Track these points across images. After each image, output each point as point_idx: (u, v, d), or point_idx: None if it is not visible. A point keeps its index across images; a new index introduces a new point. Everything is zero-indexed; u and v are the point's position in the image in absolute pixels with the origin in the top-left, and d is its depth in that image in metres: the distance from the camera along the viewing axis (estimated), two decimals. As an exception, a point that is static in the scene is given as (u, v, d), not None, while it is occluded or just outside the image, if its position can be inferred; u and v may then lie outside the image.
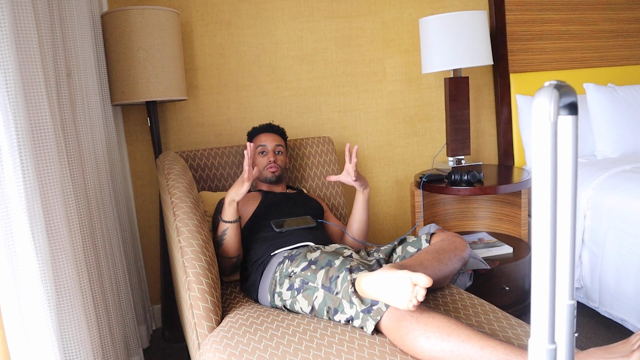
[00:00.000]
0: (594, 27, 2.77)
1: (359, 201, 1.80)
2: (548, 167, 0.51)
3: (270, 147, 1.87)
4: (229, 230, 1.57)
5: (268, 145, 1.88)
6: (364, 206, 1.80)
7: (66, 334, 1.29)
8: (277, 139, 1.91)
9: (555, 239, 0.53)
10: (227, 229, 1.57)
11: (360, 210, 1.81)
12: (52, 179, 1.28)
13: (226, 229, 1.57)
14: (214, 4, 2.28)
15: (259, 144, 1.89)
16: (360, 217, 1.82)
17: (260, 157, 1.88)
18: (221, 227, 1.58)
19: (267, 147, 1.87)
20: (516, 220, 2.35)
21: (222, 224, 1.57)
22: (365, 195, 1.79)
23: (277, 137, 1.92)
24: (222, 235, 1.58)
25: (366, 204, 1.81)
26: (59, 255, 1.28)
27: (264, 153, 1.87)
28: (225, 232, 1.57)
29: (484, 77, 2.68)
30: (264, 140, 1.89)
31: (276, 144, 1.89)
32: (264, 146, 1.88)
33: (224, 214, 1.57)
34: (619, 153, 2.47)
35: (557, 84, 0.52)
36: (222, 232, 1.58)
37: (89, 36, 1.76)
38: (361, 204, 1.80)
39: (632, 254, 1.85)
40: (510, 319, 1.31)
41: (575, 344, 1.03)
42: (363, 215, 1.82)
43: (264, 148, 1.87)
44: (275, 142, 1.89)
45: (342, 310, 1.28)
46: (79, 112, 1.65)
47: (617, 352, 1.06)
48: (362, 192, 1.78)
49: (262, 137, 1.91)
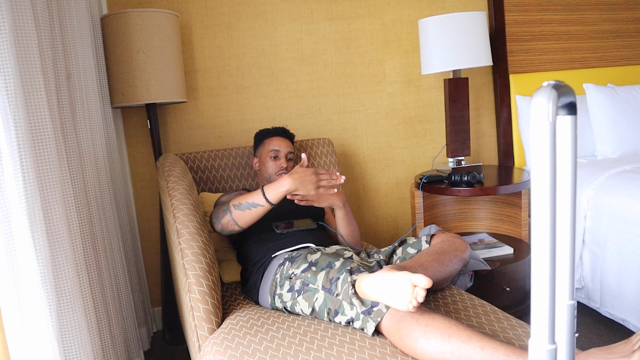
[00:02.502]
0: (593, 28, 2.77)
1: (339, 219, 1.75)
2: (547, 167, 0.51)
3: (283, 152, 1.87)
4: (260, 210, 1.47)
5: (281, 151, 1.86)
6: (346, 221, 1.75)
7: (67, 337, 1.29)
8: (289, 146, 1.90)
9: (554, 239, 0.53)
10: (261, 206, 1.46)
11: (344, 227, 1.76)
12: (52, 181, 1.28)
13: (260, 205, 1.46)
14: (214, 7, 2.28)
15: (272, 147, 1.87)
16: (346, 231, 1.77)
17: (272, 161, 1.86)
18: (255, 198, 1.46)
19: (280, 152, 1.86)
20: (516, 221, 2.35)
21: (260, 197, 1.45)
22: (342, 211, 1.74)
23: (289, 144, 1.91)
24: (251, 204, 1.47)
25: (346, 218, 1.75)
26: (59, 257, 1.28)
27: (277, 158, 1.86)
28: (256, 206, 1.47)
29: (483, 78, 2.68)
30: (278, 145, 1.88)
31: (289, 150, 1.88)
32: (277, 151, 1.86)
33: (269, 193, 1.45)
34: (619, 153, 2.47)
35: (555, 84, 0.52)
36: (254, 203, 1.47)
37: (88, 39, 1.76)
38: (342, 220, 1.75)
39: (633, 254, 1.85)
40: (511, 320, 1.31)
41: (576, 344, 1.03)
42: (349, 227, 1.77)
43: (277, 153, 1.86)
44: (288, 148, 1.88)
45: (342, 311, 1.28)
46: (79, 114, 1.65)
47: (618, 353, 1.05)
48: (340, 207, 1.73)
49: (276, 141, 1.89)
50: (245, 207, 1.49)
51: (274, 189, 1.46)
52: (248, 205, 1.48)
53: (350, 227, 1.77)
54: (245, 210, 1.49)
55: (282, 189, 1.44)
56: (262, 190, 1.47)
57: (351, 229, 1.77)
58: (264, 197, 1.46)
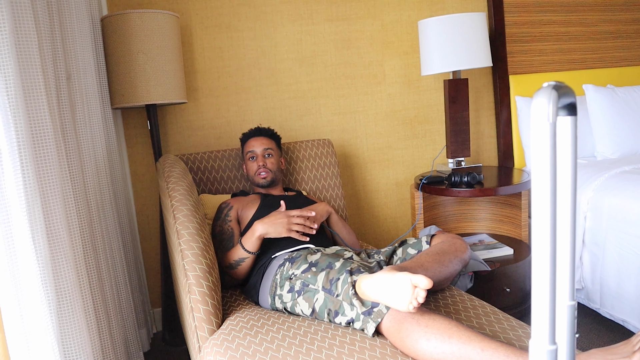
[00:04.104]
0: (592, 29, 2.78)
1: (334, 222, 1.79)
2: (547, 168, 0.52)
3: (259, 151, 1.87)
4: (248, 260, 1.57)
5: (257, 150, 1.87)
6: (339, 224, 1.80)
7: (67, 338, 1.29)
8: (265, 142, 1.90)
9: (555, 240, 0.53)
10: (246, 258, 1.56)
11: (340, 230, 1.80)
12: (52, 182, 1.28)
13: (245, 257, 1.56)
14: (214, 7, 2.29)
15: (248, 149, 1.88)
16: (342, 233, 1.81)
17: (250, 162, 1.88)
18: (239, 254, 1.57)
19: (256, 151, 1.87)
20: (516, 221, 2.35)
21: (241, 251, 1.56)
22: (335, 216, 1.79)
23: (265, 140, 1.91)
24: (238, 261, 1.57)
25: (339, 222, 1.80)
26: (59, 258, 1.28)
27: (254, 158, 1.87)
28: (243, 260, 1.57)
29: (483, 79, 2.68)
30: (253, 145, 1.89)
31: (265, 147, 1.88)
32: (252, 152, 1.87)
33: (247, 244, 1.55)
34: (618, 154, 2.47)
35: (555, 84, 0.52)
36: (240, 259, 1.57)
37: (88, 40, 1.76)
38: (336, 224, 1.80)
39: (632, 255, 1.85)
40: (511, 321, 1.31)
41: (576, 345, 1.03)
42: (345, 230, 1.82)
43: (253, 153, 1.87)
44: (263, 145, 1.88)
45: (342, 312, 1.28)
46: (79, 115, 1.65)
47: (618, 353, 1.05)
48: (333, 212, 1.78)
49: (251, 142, 1.91)
50: (236, 265, 1.58)
51: (249, 239, 1.56)
52: (237, 263, 1.58)
53: (346, 229, 1.82)
54: (237, 268, 1.59)
55: (255, 235, 1.54)
56: (241, 244, 1.57)
57: (347, 231, 1.82)
58: (245, 251, 1.56)
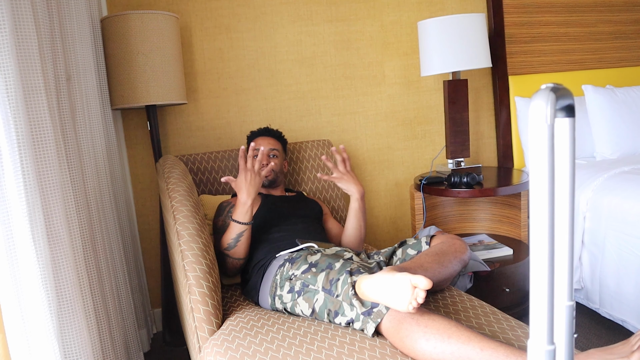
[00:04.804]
0: (592, 29, 2.78)
1: (352, 209, 1.76)
2: (546, 170, 0.52)
3: (265, 150, 1.88)
4: (246, 232, 1.57)
5: (263, 149, 1.88)
6: (358, 214, 1.76)
7: (67, 338, 1.29)
8: (272, 143, 1.91)
9: (553, 240, 0.53)
10: (244, 231, 1.56)
11: (353, 219, 1.77)
12: (53, 183, 1.28)
13: (243, 231, 1.56)
14: (213, 8, 2.29)
15: (254, 148, 1.90)
16: (354, 224, 1.77)
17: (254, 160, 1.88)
18: (235, 230, 1.57)
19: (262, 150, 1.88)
20: (516, 222, 2.35)
21: (237, 226, 1.56)
22: (357, 203, 1.74)
23: (272, 141, 1.92)
24: (237, 238, 1.57)
25: (359, 212, 1.75)
26: (59, 259, 1.28)
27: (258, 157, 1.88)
28: (241, 234, 1.56)
29: (482, 80, 2.68)
30: (259, 144, 1.90)
31: (271, 147, 1.89)
32: (258, 150, 1.88)
33: (238, 216, 1.56)
34: (618, 154, 2.47)
35: (553, 86, 0.52)
36: (237, 234, 1.56)
37: (88, 41, 1.76)
38: (353, 212, 1.76)
39: (632, 255, 1.85)
40: (510, 321, 1.32)
41: (575, 345, 1.04)
42: (358, 222, 1.77)
43: (258, 152, 1.88)
44: (270, 145, 1.90)
45: (342, 312, 1.29)
46: (79, 116, 1.65)
47: (617, 353, 1.06)
48: (356, 199, 1.74)
49: (258, 140, 1.93)
50: (235, 242, 1.58)
51: (239, 211, 1.56)
52: (234, 240, 1.58)
53: (358, 222, 1.77)
54: (236, 244, 1.58)
55: (241, 204, 1.56)
56: (232, 219, 1.58)
57: (359, 225, 1.77)
58: (238, 223, 1.56)
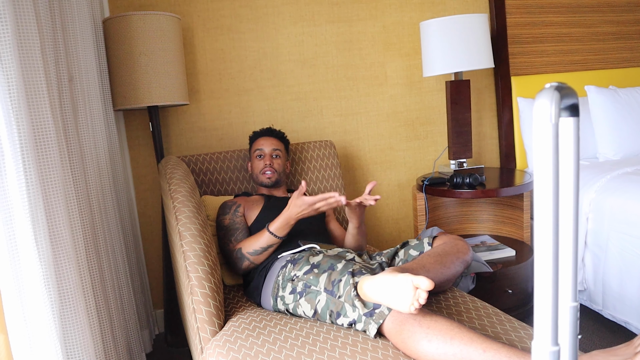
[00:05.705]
0: (594, 30, 2.77)
1: (350, 230, 1.73)
2: (550, 169, 0.52)
3: (268, 150, 1.89)
4: (275, 245, 1.58)
5: (265, 149, 1.89)
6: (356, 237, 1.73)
7: (69, 339, 1.29)
8: (275, 143, 1.91)
9: (557, 241, 0.53)
10: (275, 243, 1.57)
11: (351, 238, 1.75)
12: (55, 184, 1.28)
13: (274, 243, 1.57)
14: (215, 9, 2.29)
15: (257, 147, 1.90)
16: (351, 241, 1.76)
17: (257, 160, 1.89)
18: (267, 240, 1.56)
19: (265, 150, 1.89)
20: (519, 223, 2.35)
21: (271, 237, 1.55)
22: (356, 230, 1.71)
23: (275, 141, 1.92)
24: (266, 247, 1.57)
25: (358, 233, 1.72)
26: (61, 260, 1.28)
27: (261, 157, 1.89)
28: (271, 246, 1.57)
29: (485, 80, 2.68)
30: (262, 144, 1.90)
31: (274, 147, 1.90)
32: (261, 150, 1.89)
33: (278, 230, 1.54)
34: (620, 155, 2.47)
35: (558, 85, 0.52)
36: (268, 245, 1.57)
37: (90, 42, 1.77)
38: (351, 233, 1.73)
39: (635, 257, 1.84)
40: (513, 322, 1.31)
41: (578, 346, 1.03)
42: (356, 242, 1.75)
43: (262, 152, 1.89)
44: (273, 146, 1.90)
45: (344, 313, 1.28)
46: (81, 117, 1.65)
47: (620, 355, 1.05)
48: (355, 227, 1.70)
49: (260, 140, 1.93)
50: (262, 251, 1.58)
51: (281, 225, 1.54)
52: (263, 249, 1.58)
53: (357, 242, 1.76)
54: (262, 253, 1.58)
55: (286, 218, 1.53)
56: (269, 230, 1.55)
57: (357, 242, 1.76)
58: (274, 237, 1.55)
